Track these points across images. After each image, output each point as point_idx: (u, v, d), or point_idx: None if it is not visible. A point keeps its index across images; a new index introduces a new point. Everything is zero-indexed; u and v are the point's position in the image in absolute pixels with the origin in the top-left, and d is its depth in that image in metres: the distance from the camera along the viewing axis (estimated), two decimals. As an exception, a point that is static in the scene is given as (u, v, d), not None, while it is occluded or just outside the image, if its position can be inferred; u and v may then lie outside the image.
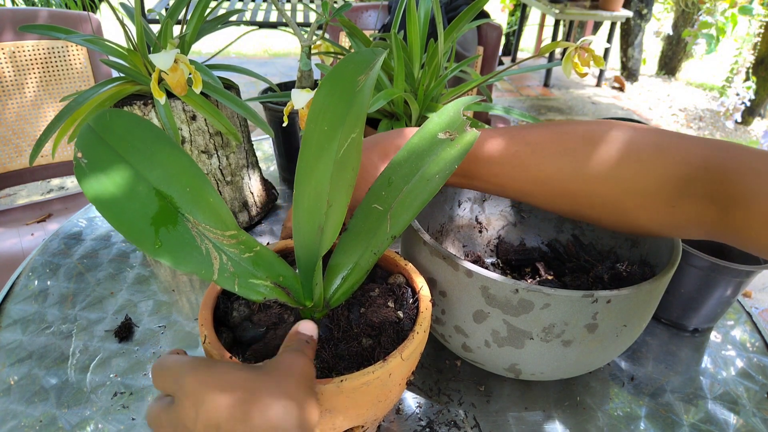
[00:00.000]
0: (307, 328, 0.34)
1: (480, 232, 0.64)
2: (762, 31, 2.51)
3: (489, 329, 0.43)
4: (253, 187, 0.75)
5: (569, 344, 0.42)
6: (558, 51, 3.83)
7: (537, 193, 0.43)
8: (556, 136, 0.41)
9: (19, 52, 1.05)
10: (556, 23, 3.55)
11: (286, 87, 0.82)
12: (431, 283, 0.45)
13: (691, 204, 0.37)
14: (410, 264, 0.43)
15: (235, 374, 0.28)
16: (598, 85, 3.60)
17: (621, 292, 0.39)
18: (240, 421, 0.26)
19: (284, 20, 0.84)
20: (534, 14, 4.49)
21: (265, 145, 1.03)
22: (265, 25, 2.47)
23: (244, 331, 0.37)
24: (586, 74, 0.53)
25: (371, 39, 0.68)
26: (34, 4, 2.60)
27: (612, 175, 0.39)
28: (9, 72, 1.06)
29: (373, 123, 0.65)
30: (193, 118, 0.62)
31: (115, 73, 0.62)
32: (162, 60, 0.46)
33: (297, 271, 0.38)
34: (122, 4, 0.65)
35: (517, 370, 0.45)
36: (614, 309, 0.40)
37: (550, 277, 0.58)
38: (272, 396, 0.27)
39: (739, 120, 2.77)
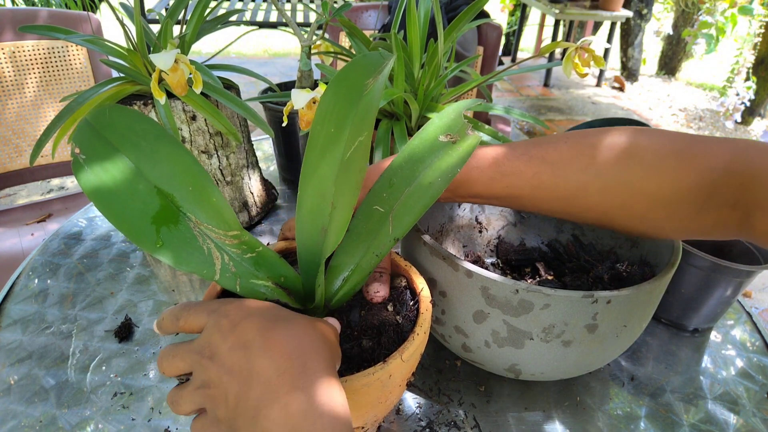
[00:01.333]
0: (332, 322, 0.35)
1: (480, 232, 0.64)
2: (762, 31, 2.51)
3: (489, 329, 0.43)
4: (253, 187, 0.75)
5: (569, 344, 0.42)
6: (558, 51, 3.83)
7: (560, 209, 0.43)
8: (576, 151, 0.40)
9: (19, 52, 1.05)
10: (556, 23, 3.55)
11: (286, 87, 0.82)
12: (431, 283, 0.45)
13: (715, 209, 0.37)
14: (411, 265, 0.43)
15: (277, 309, 0.32)
16: (598, 85, 3.60)
17: (621, 293, 0.39)
18: (265, 342, 0.29)
19: (284, 20, 0.84)
20: (534, 14, 4.49)
21: (265, 145, 1.03)
22: (265, 25, 2.47)
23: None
24: (586, 74, 0.53)
25: (371, 39, 0.68)
26: (34, 4, 2.60)
27: (637, 187, 0.39)
28: (9, 72, 1.05)
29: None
30: (193, 118, 0.62)
31: (115, 73, 0.62)
32: (162, 60, 0.46)
33: (299, 271, 0.38)
34: (122, 4, 0.65)
35: (517, 371, 0.45)
36: (614, 309, 0.40)
37: (550, 277, 0.58)
38: (304, 328, 0.30)
39: (739, 120, 2.77)
